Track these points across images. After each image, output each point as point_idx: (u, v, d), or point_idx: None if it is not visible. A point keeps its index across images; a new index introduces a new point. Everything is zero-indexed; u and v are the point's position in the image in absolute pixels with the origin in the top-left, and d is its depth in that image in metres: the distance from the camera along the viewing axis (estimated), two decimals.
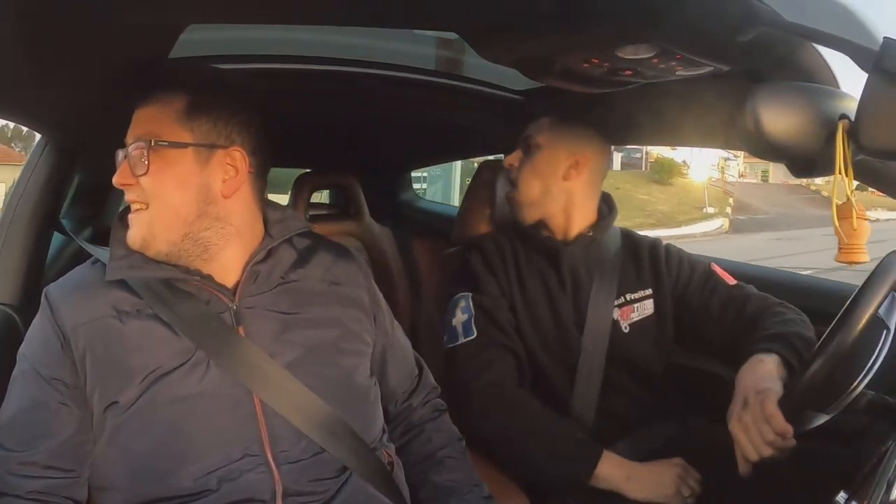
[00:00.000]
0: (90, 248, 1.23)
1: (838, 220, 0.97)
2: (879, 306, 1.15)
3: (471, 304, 1.62)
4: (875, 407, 1.19)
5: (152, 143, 1.09)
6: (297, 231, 1.25)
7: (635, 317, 1.69)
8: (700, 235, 21.76)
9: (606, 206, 1.79)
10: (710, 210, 26.32)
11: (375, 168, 3.04)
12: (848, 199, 0.94)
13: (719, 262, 1.85)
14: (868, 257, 0.98)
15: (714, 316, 1.66)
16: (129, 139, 1.12)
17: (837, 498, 0.93)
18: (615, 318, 1.66)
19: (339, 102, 1.97)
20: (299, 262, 1.25)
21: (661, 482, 1.43)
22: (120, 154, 1.13)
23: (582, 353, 1.61)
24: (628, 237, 1.81)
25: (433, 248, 2.06)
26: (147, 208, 1.11)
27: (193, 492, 1.05)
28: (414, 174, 3.45)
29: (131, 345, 1.08)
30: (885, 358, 1.18)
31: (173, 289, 1.12)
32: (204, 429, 1.07)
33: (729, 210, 27.31)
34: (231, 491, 1.05)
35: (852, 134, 0.87)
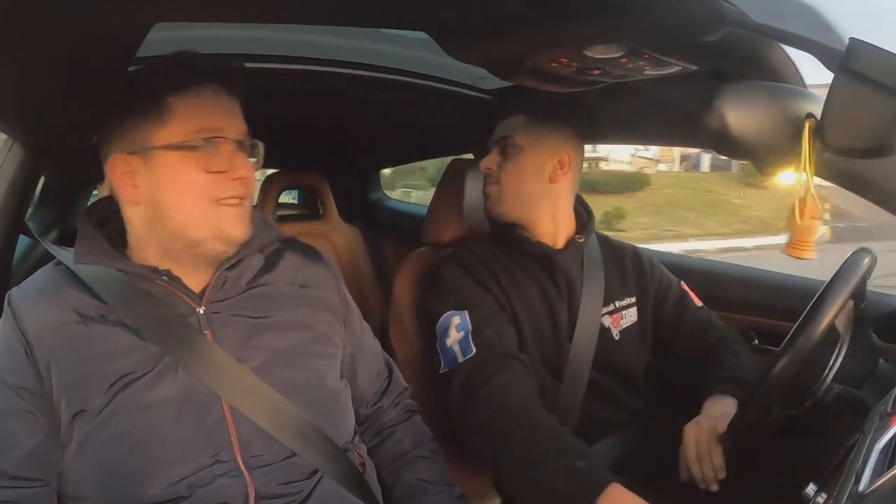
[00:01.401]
0: (53, 249, 1.20)
1: (792, 214, 1.01)
2: (841, 309, 1.17)
3: (468, 319, 1.51)
4: (842, 401, 1.21)
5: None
6: (269, 243, 1.24)
7: (624, 324, 1.68)
8: None
9: (584, 209, 1.74)
10: None
11: (344, 168, 3.03)
12: (804, 196, 0.96)
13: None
14: (816, 255, 1.02)
15: (684, 334, 1.73)
16: (238, 131, 1.13)
17: (807, 490, 0.95)
18: (606, 325, 1.64)
19: (306, 102, 1.95)
20: (267, 266, 1.24)
21: None
22: (232, 145, 1.11)
23: (569, 360, 1.58)
24: (607, 243, 1.79)
25: (403, 249, 2.05)
26: (244, 201, 1.14)
27: (165, 499, 1.03)
28: None
29: (97, 351, 1.06)
30: (849, 354, 1.21)
31: (137, 291, 1.11)
32: (173, 435, 1.06)
33: (827, 216, 24.59)
34: (203, 497, 1.04)
35: (818, 133, 0.89)
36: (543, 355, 1.58)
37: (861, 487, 0.77)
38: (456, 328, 1.51)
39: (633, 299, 1.71)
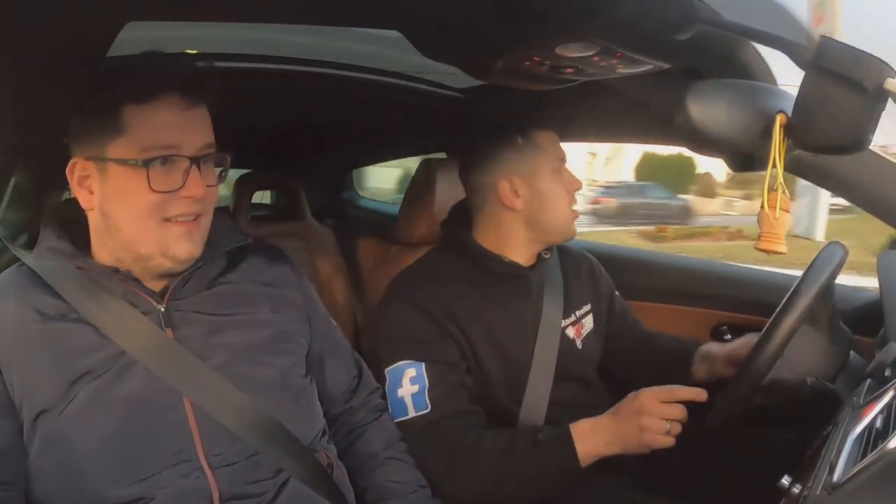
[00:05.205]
0: (18, 251, 1.19)
1: (765, 208, 1.01)
2: (816, 297, 1.19)
3: (424, 374, 1.41)
4: (816, 393, 1.23)
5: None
6: (234, 245, 1.23)
7: (584, 332, 1.65)
8: None
9: None
10: None
11: (317, 167, 3.01)
12: (776, 190, 0.97)
13: None
14: (786, 249, 1.01)
15: (625, 350, 1.77)
16: (199, 144, 1.09)
17: (782, 481, 0.96)
18: (571, 336, 1.60)
19: (279, 102, 1.94)
20: (231, 265, 1.23)
21: (629, 434, 1.29)
22: (187, 162, 1.07)
23: (531, 375, 1.51)
24: (564, 251, 1.71)
25: (376, 248, 2.05)
26: (198, 219, 1.11)
27: (128, 500, 1.02)
28: None
29: (58, 351, 1.05)
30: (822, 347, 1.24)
31: (98, 289, 1.10)
32: (135, 435, 1.05)
33: None
34: (167, 497, 1.04)
35: (789, 129, 0.90)
36: (507, 379, 1.52)
37: (835, 478, 0.78)
38: (410, 380, 1.42)
39: (589, 307, 1.68)
